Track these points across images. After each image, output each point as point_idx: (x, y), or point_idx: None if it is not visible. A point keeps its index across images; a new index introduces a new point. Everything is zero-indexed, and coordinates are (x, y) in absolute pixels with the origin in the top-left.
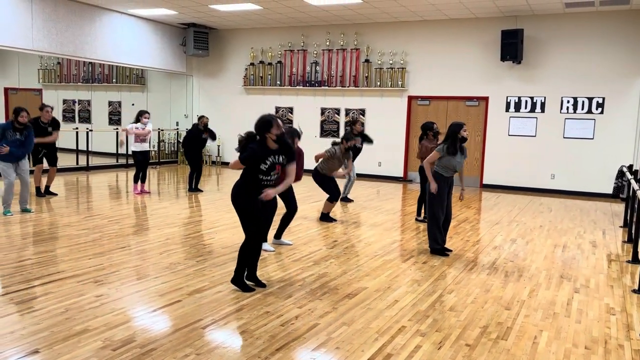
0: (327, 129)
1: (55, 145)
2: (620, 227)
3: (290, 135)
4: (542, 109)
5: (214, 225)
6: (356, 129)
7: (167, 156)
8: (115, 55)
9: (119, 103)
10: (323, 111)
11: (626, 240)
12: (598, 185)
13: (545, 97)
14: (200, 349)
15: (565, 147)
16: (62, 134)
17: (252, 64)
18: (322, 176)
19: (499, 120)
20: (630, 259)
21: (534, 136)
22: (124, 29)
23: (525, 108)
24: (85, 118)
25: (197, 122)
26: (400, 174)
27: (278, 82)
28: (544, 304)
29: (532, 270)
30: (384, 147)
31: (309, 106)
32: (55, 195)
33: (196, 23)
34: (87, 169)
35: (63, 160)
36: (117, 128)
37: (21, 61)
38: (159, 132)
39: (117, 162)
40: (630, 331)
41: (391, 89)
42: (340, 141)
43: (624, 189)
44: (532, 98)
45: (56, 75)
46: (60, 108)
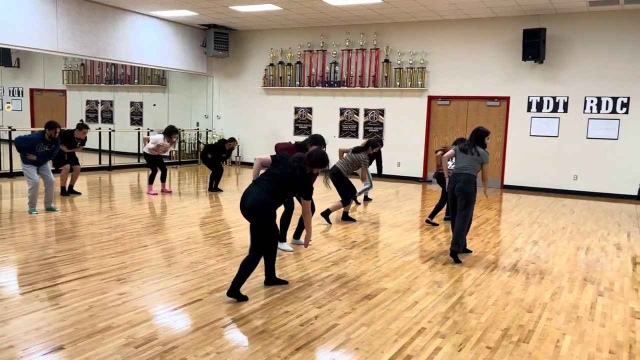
0: (346, 129)
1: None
2: None
3: (311, 142)
4: (565, 109)
5: (233, 225)
6: (368, 151)
7: (187, 156)
8: (137, 57)
9: (141, 104)
10: (342, 111)
11: None
12: (622, 186)
13: (568, 97)
14: (220, 348)
15: (588, 147)
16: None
17: (271, 64)
18: (342, 178)
19: (521, 120)
20: None
21: (556, 136)
22: (146, 31)
23: (547, 108)
24: (108, 118)
25: (226, 142)
26: (420, 175)
27: (297, 83)
28: (566, 307)
29: (555, 272)
30: (403, 148)
31: (328, 106)
32: (79, 194)
33: (217, 24)
34: (110, 168)
35: (86, 160)
36: (138, 128)
37: (46, 63)
38: (180, 131)
39: (138, 161)
40: None
41: (411, 89)
42: (364, 147)
43: None
44: (554, 98)
45: (80, 77)
46: (84, 109)
